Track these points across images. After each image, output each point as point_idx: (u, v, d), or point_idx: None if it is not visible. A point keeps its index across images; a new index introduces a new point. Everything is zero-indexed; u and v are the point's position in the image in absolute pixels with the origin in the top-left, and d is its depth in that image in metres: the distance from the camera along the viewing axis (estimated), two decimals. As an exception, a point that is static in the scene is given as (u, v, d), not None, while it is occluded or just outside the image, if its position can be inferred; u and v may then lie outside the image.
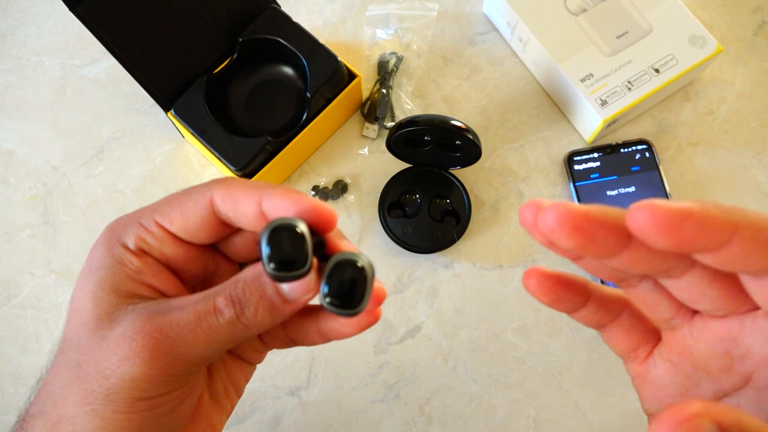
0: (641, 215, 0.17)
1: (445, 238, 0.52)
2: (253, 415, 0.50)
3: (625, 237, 0.18)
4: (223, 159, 0.49)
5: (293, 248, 0.21)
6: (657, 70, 0.52)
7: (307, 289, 0.23)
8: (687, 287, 0.21)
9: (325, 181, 0.55)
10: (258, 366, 0.31)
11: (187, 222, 0.25)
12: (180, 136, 0.56)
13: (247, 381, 0.30)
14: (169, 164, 0.56)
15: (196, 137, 0.50)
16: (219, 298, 0.23)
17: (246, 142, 0.49)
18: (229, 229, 0.26)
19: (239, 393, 0.30)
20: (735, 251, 0.17)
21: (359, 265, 0.22)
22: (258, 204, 0.24)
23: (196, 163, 0.56)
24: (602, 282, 0.51)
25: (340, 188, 0.55)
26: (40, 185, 0.56)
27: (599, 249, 0.18)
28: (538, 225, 0.18)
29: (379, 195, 0.54)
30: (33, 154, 0.57)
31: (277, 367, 0.51)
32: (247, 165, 0.49)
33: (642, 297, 0.22)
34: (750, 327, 0.20)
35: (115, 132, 0.57)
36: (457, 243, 0.53)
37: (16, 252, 0.54)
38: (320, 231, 0.24)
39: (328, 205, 0.24)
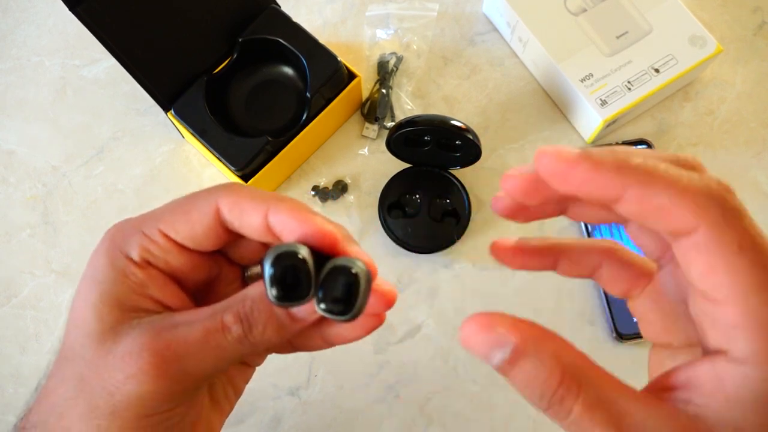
0: (540, 161, 0.19)
1: (445, 238, 0.52)
2: (253, 415, 0.50)
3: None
4: (223, 159, 0.49)
5: (295, 277, 0.21)
6: (657, 70, 0.52)
7: (313, 310, 0.23)
8: (629, 232, 0.23)
9: (325, 181, 0.55)
10: (258, 366, 0.31)
11: (193, 231, 0.24)
12: (180, 136, 0.56)
13: (246, 383, 0.30)
14: (169, 164, 0.56)
15: (196, 137, 0.50)
16: (227, 315, 0.23)
17: (246, 142, 0.49)
18: (234, 236, 0.26)
19: (238, 394, 0.30)
20: (630, 209, 0.19)
21: (353, 271, 0.22)
22: (264, 216, 0.24)
23: (196, 163, 0.56)
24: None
25: (340, 188, 0.55)
26: (40, 185, 0.56)
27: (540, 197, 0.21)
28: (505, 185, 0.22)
29: (379, 195, 0.54)
30: (33, 154, 0.57)
31: (277, 367, 0.51)
32: (247, 165, 0.49)
33: (633, 235, 0.23)
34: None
35: (115, 132, 0.57)
36: (457, 243, 0.53)
37: (16, 252, 0.54)
38: (324, 250, 0.23)
39: (333, 226, 0.23)
